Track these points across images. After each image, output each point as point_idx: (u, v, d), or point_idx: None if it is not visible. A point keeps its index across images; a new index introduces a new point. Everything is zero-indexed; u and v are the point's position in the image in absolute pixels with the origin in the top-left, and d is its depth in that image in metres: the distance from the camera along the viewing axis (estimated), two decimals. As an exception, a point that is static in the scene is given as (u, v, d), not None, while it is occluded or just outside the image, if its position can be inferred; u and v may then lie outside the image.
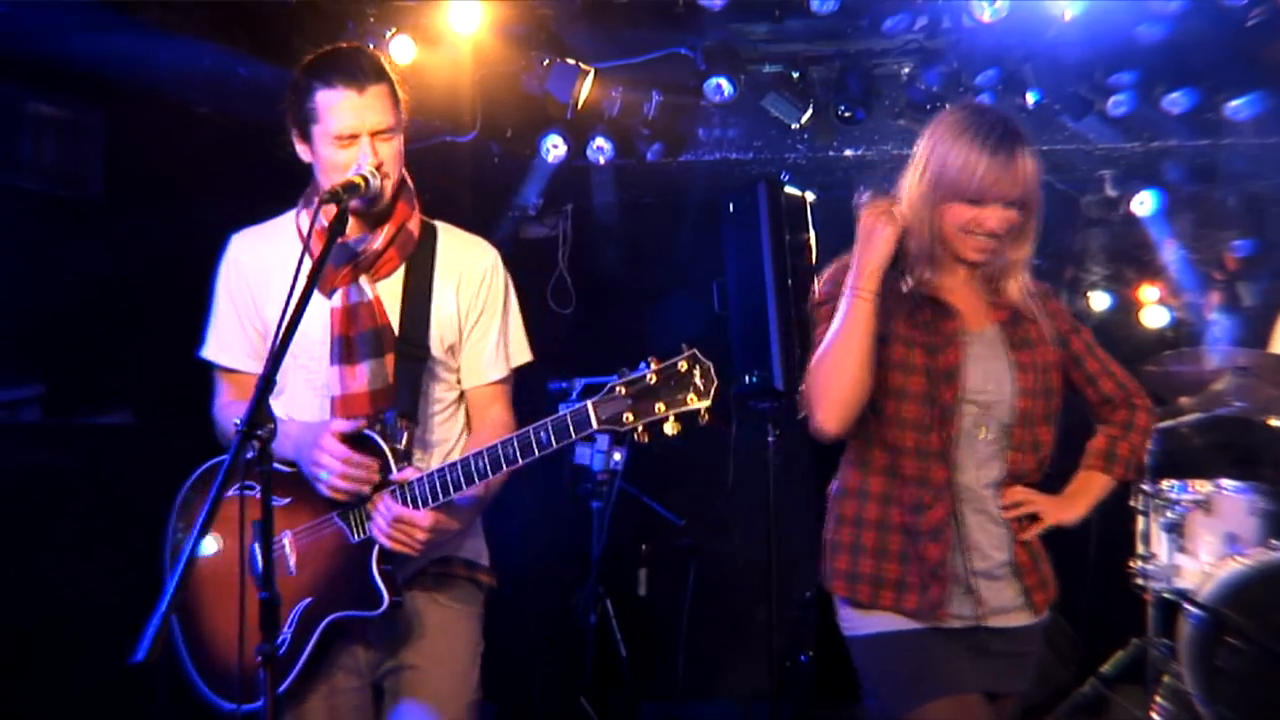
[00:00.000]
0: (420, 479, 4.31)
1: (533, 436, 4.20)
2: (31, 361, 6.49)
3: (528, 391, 5.50)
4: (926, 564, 4.22)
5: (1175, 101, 8.56)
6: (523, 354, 4.83)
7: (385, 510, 4.30)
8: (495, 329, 4.74)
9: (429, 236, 4.69)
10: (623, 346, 8.63)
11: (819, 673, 8.93)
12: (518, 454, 4.21)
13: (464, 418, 4.77)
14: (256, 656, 3.66)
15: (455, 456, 4.51)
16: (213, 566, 4.60)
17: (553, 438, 4.17)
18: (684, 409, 4.04)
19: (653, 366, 4.08)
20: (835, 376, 4.18)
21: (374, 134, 4.40)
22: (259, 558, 4.15)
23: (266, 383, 3.76)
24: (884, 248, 4.20)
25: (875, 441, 4.32)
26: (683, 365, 4.04)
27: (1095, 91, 8.58)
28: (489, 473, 4.25)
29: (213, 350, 4.68)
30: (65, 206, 7.19)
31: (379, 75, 4.48)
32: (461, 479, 4.28)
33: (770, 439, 8.70)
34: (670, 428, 4.09)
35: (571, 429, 4.13)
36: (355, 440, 4.39)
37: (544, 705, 7.90)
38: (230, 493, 3.88)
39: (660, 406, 4.04)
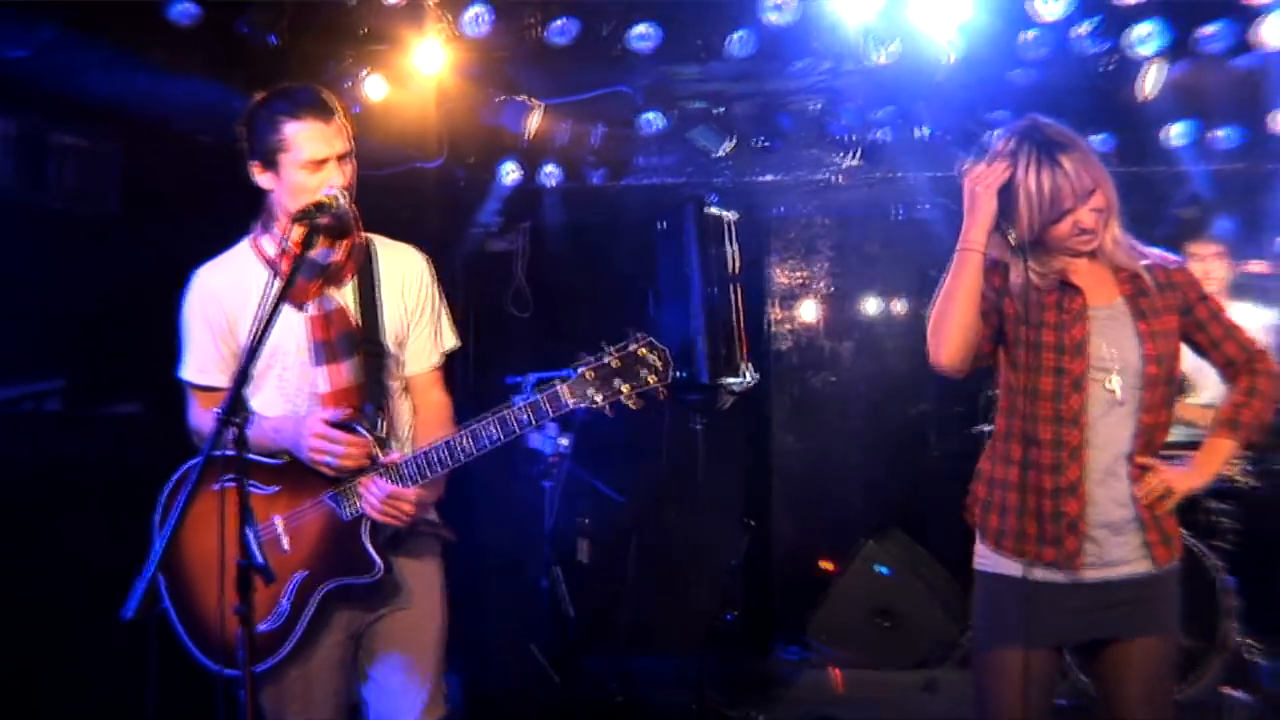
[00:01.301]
0: (408, 460, 4.39)
1: (511, 418, 4.25)
2: (54, 358, 6.48)
3: (487, 383, 5.56)
4: (1065, 518, 4.28)
5: None
6: (451, 340, 4.91)
7: (377, 489, 4.35)
8: (430, 322, 4.81)
9: (369, 248, 4.74)
10: (572, 346, 8.75)
11: (743, 629, 9.02)
12: (500, 433, 4.28)
13: (410, 403, 4.83)
14: (235, 615, 3.73)
15: (406, 437, 4.68)
16: (206, 552, 4.52)
17: (532, 418, 4.24)
18: (645, 388, 4.20)
19: (613, 352, 4.19)
20: (947, 321, 4.28)
21: (339, 158, 4.48)
22: (251, 541, 4.21)
23: (243, 375, 3.83)
24: (987, 208, 4.27)
25: (1015, 413, 4.38)
26: (640, 350, 4.18)
27: (979, 125, 8.56)
28: (474, 451, 4.33)
29: (191, 372, 4.70)
30: (85, 223, 7.18)
31: (335, 109, 4.56)
32: (447, 458, 4.35)
33: (698, 427, 8.96)
34: (633, 404, 4.23)
35: (549, 409, 4.22)
36: (341, 426, 4.45)
37: (501, 658, 7.88)
38: (216, 486, 4.15)
39: (624, 387, 4.19)
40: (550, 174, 9.09)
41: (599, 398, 4.22)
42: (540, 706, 7.68)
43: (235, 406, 3.76)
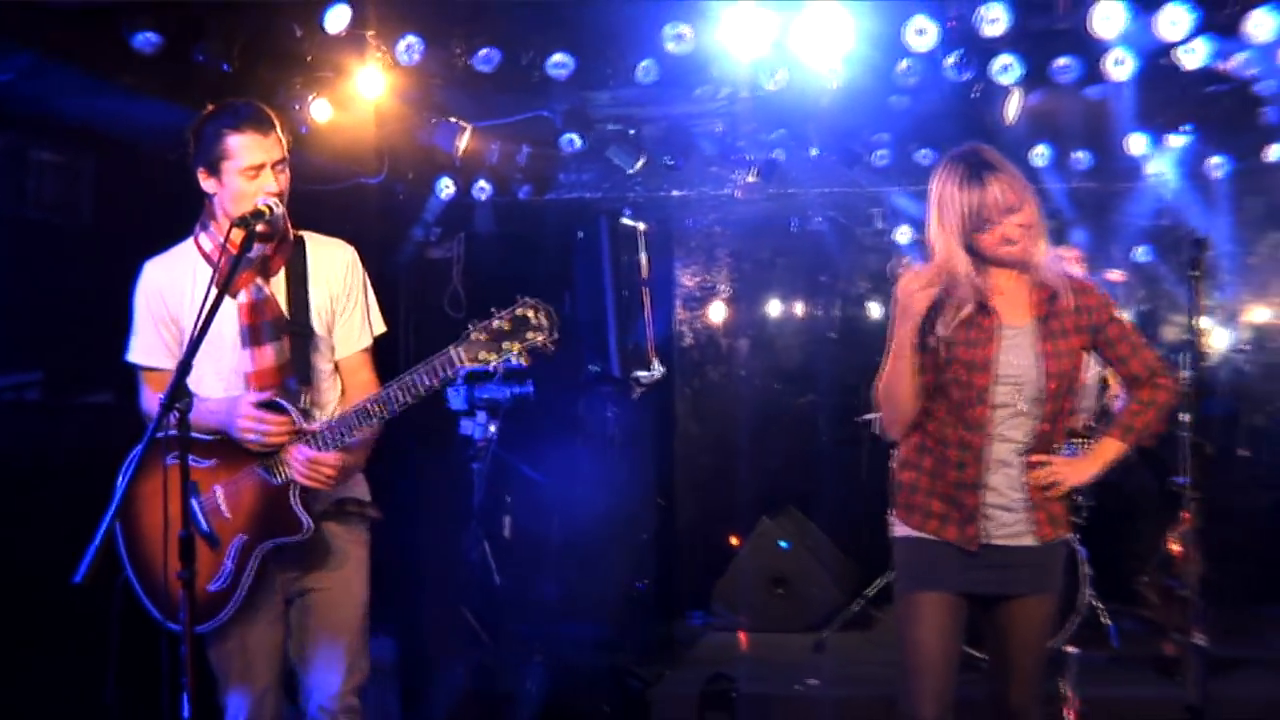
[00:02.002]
0: (325, 427, 4.41)
1: (414, 379, 4.26)
2: (34, 352, 6.36)
3: None
4: (965, 509, 4.40)
5: (925, 156, 8.73)
6: (379, 326, 4.87)
7: (300, 456, 4.38)
8: (359, 308, 4.78)
9: (300, 243, 4.73)
10: None
11: (654, 598, 9.21)
12: (405, 395, 4.30)
13: (339, 383, 4.80)
14: (179, 579, 3.81)
15: (333, 412, 4.65)
16: (158, 524, 4.38)
17: (428, 379, 4.25)
18: (532, 344, 4.16)
19: (503, 315, 4.19)
20: (891, 407, 4.45)
21: (274, 165, 4.50)
22: (196, 511, 4.43)
23: (185, 366, 3.92)
24: (919, 312, 4.34)
25: (929, 414, 4.50)
26: (526, 311, 4.17)
27: (863, 146, 8.73)
28: (383, 414, 4.34)
29: (136, 354, 4.72)
30: (62, 232, 7.08)
31: (273, 123, 4.58)
32: (358, 421, 4.37)
33: (610, 414, 9.19)
34: (524, 360, 4.20)
35: (443, 369, 4.23)
36: (268, 405, 4.45)
37: (434, 622, 7.66)
38: (168, 461, 4.10)
39: (514, 345, 4.17)
40: (482, 189, 9.13)
41: (491, 356, 4.20)
42: (468, 666, 7.59)
43: (178, 393, 3.85)
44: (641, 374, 9.64)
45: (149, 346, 4.68)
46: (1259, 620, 8.68)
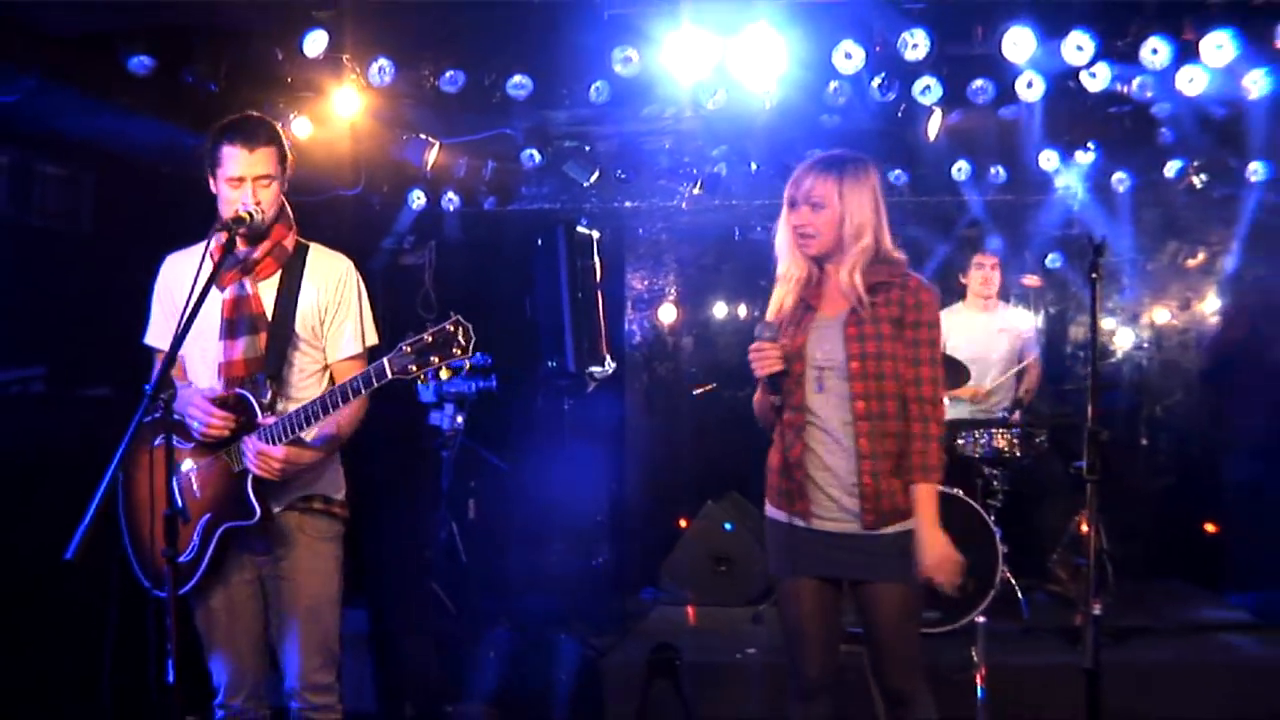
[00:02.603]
0: (275, 422, 4.39)
1: (348, 387, 4.28)
2: (38, 349, 6.42)
3: None
4: (795, 483, 4.37)
5: None
6: (372, 337, 4.80)
7: (251, 446, 4.37)
8: (351, 318, 4.72)
9: (302, 252, 4.69)
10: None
11: (608, 575, 9.17)
12: (339, 400, 4.31)
13: (326, 384, 4.71)
14: (163, 556, 3.84)
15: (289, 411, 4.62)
16: (145, 500, 4.62)
17: (361, 386, 4.25)
18: (452, 359, 4.14)
19: (431, 331, 4.17)
20: (762, 421, 4.51)
21: (255, 180, 4.46)
22: (175, 489, 4.39)
23: (170, 359, 4.02)
24: (761, 377, 4.39)
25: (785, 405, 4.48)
26: (450, 328, 4.14)
27: (799, 161, 8.44)
28: (320, 415, 4.34)
29: (150, 338, 4.74)
30: (64, 239, 7.16)
31: (268, 139, 4.53)
32: (303, 420, 4.35)
33: (566, 406, 9.11)
34: (444, 374, 4.22)
35: (375, 377, 4.23)
36: (233, 398, 4.48)
37: (408, 597, 7.67)
38: (155, 443, 4.35)
39: (436, 359, 4.14)
40: (450, 200, 9.17)
41: (414, 368, 4.17)
42: (437, 636, 7.53)
43: (162, 383, 3.92)
44: (595, 369, 9.42)
45: (160, 332, 4.71)
46: (1155, 592, 8.74)
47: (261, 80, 6.79)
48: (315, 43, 6.40)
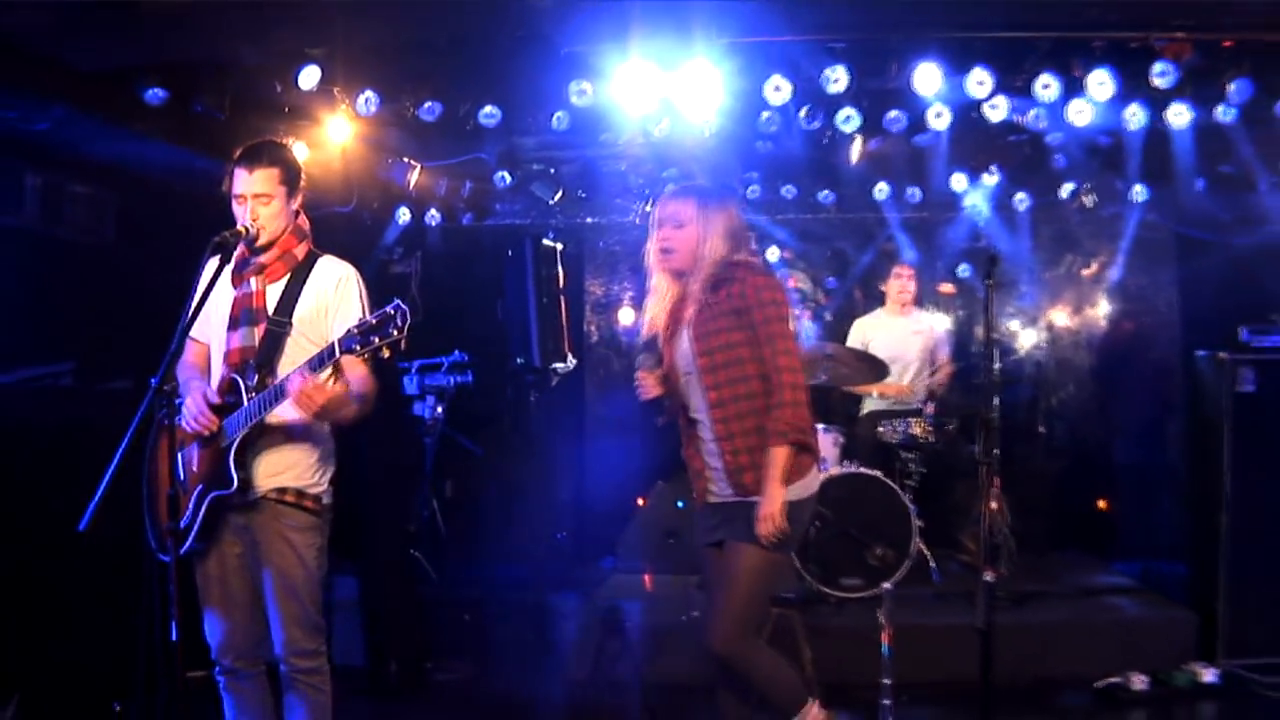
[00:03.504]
0: (250, 403, 4.37)
1: (306, 364, 4.25)
2: (67, 347, 6.39)
3: (387, 366, 5.56)
4: (693, 469, 4.54)
5: (788, 190, 8.85)
6: None
7: (298, 375, 4.27)
8: (352, 314, 4.52)
9: (311, 259, 4.65)
10: (448, 340, 8.30)
11: (571, 546, 9.36)
12: (301, 377, 4.25)
13: (330, 374, 4.48)
14: (167, 530, 3.96)
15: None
16: (155, 472, 4.64)
17: (316, 362, 4.22)
18: (391, 339, 4.04)
19: (375, 315, 4.10)
20: None
21: (254, 197, 4.46)
22: (179, 466, 4.49)
23: (173, 354, 4.01)
24: (643, 400, 4.50)
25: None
26: (390, 312, 4.06)
27: (737, 182, 8.68)
28: (283, 396, 4.29)
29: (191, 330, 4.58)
30: (90, 250, 7.03)
31: (269, 162, 4.51)
32: (271, 400, 4.33)
33: (532, 398, 9.23)
34: (386, 352, 4.12)
35: (327, 354, 4.19)
36: (226, 382, 4.47)
37: (394, 565, 7.44)
38: (165, 423, 4.22)
39: (377, 339, 4.05)
40: (433, 217, 9.22)
41: (358, 346, 4.11)
42: (419, 599, 7.52)
43: (167, 376, 3.94)
44: (558, 365, 9.58)
45: (195, 323, 4.63)
46: (1052, 561, 8.84)
47: (263, 110, 6.78)
48: (309, 77, 6.40)
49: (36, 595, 6.02)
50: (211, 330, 4.67)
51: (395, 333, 4.09)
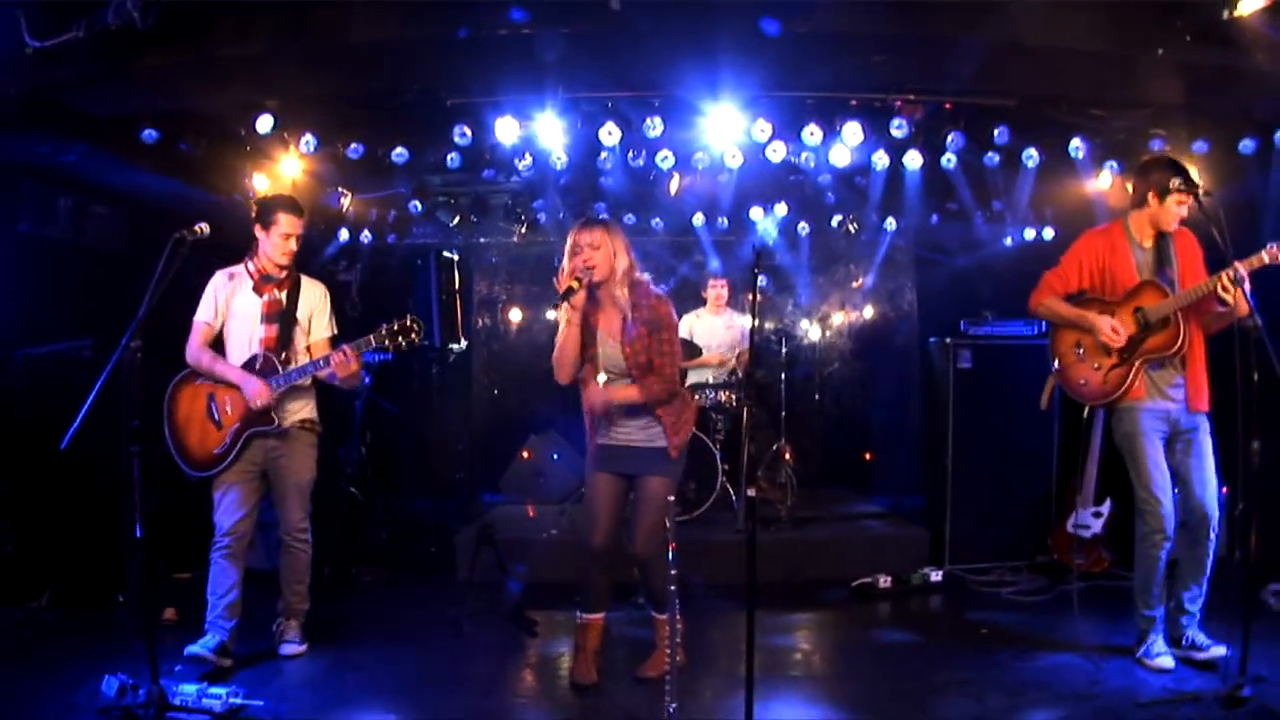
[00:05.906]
0: (292, 371, 4.96)
1: (350, 347, 4.83)
2: (88, 328, 6.39)
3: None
4: (601, 425, 4.67)
5: (629, 217, 8.89)
6: (334, 328, 5.30)
7: (270, 383, 4.93)
8: (326, 316, 5.28)
9: (296, 277, 5.24)
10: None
11: (466, 484, 9.44)
12: (327, 364, 4.87)
13: (309, 353, 5.19)
14: (130, 452, 4.07)
15: (300, 364, 5.06)
16: (189, 416, 5.04)
17: (359, 348, 4.81)
18: (410, 341, 4.75)
19: (397, 322, 4.79)
20: (564, 364, 4.60)
21: (296, 237, 5.09)
22: (214, 407, 4.97)
23: (140, 321, 4.19)
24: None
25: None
26: (408, 322, 4.77)
27: (591, 210, 8.35)
28: (326, 365, 4.88)
29: (199, 314, 5.10)
30: (107, 256, 7.32)
31: (303, 212, 5.13)
32: (315, 368, 4.94)
33: (434, 370, 9.41)
34: (405, 349, 4.81)
35: (365, 348, 4.80)
36: (262, 358, 4.98)
37: (334, 501, 7.27)
38: (197, 382, 4.93)
39: (401, 341, 4.77)
40: (366, 236, 9.16)
41: (389, 344, 4.76)
42: (350, 521, 7.52)
43: (133, 336, 4.16)
44: (453, 345, 9.95)
45: (205, 312, 5.14)
46: (825, 496, 9.11)
47: (231, 149, 6.81)
48: (265, 123, 6.40)
49: (62, 512, 6.24)
50: (237, 323, 5.10)
51: (415, 337, 4.75)
